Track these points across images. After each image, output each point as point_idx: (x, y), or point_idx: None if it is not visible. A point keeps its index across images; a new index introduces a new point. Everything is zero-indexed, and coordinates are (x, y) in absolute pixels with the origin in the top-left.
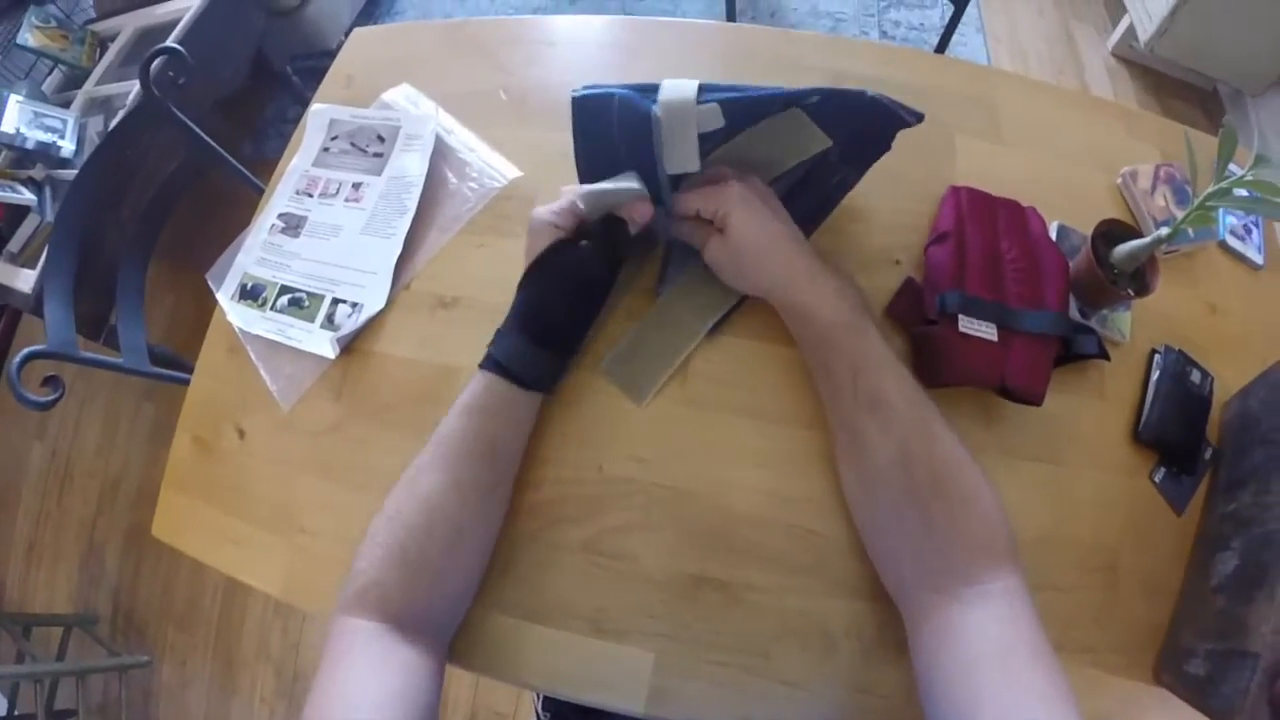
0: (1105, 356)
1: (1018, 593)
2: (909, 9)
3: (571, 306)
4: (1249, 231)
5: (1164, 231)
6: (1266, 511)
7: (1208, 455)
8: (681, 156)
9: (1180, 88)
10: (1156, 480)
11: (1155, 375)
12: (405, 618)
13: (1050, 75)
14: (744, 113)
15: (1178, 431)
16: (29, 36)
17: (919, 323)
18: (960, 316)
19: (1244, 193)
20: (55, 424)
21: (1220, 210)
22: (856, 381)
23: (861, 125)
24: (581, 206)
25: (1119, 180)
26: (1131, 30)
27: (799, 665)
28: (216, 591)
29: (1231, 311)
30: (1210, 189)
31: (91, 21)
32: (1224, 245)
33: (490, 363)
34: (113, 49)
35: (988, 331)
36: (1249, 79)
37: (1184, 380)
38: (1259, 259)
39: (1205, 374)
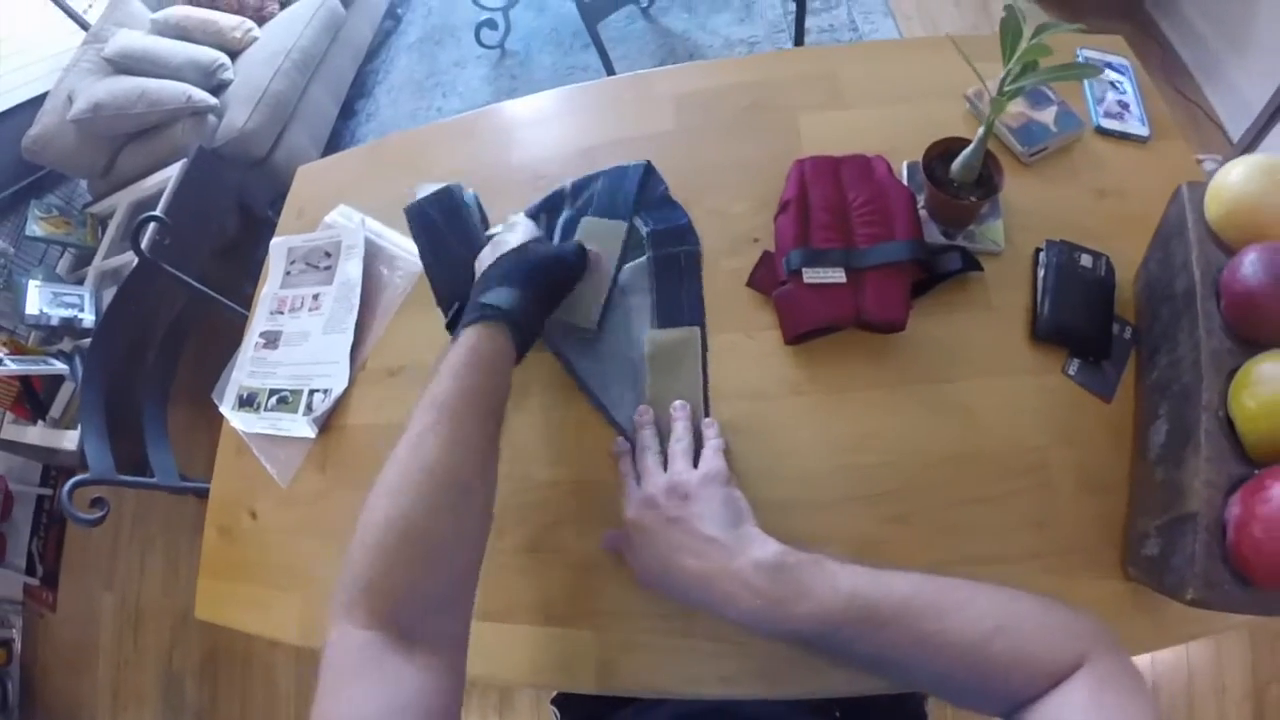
0: (976, 268)
1: (1100, 681)
2: (815, 15)
3: (560, 277)
4: (1125, 108)
5: (981, 130)
6: (1178, 366)
7: (1127, 335)
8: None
9: (1100, 4)
10: (1071, 374)
11: (1042, 271)
12: (410, 615)
13: (967, 33)
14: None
15: (1078, 319)
16: (36, 227)
17: (775, 287)
18: (804, 270)
19: (1052, 66)
20: (121, 572)
21: (1088, 97)
22: (853, 650)
23: (641, 194)
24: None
25: (966, 105)
26: None
27: (723, 621)
28: (289, 698)
29: (1125, 190)
30: (1001, 75)
31: (89, 204)
32: (1101, 130)
33: (492, 311)
34: (111, 225)
35: (835, 276)
36: None
37: (1074, 267)
38: (1143, 130)
39: (1097, 256)
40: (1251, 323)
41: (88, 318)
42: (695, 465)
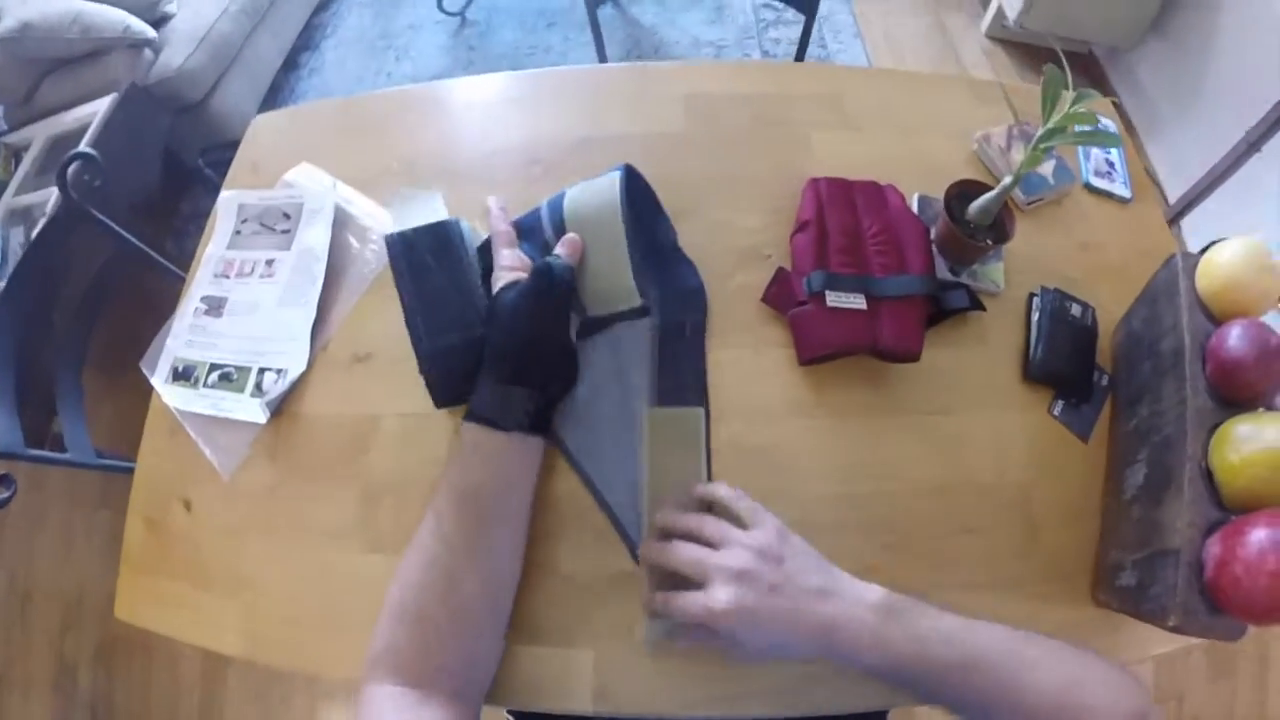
0: (980, 307)
1: None
2: (787, 26)
3: (527, 340)
4: (1111, 167)
5: (1008, 180)
6: (1161, 418)
7: (1104, 382)
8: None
9: (1055, 57)
10: (1055, 413)
11: (1036, 315)
12: (422, 676)
13: (929, 66)
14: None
15: (1066, 363)
16: None
17: (792, 306)
18: (827, 293)
19: (1084, 128)
20: (8, 547)
21: (1081, 155)
22: (941, 691)
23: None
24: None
25: (974, 146)
26: (1001, 11)
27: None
28: (193, 690)
29: (1106, 245)
30: (1040, 130)
31: (3, 133)
32: (1089, 187)
33: (468, 412)
34: (27, 159)
35: (856, 302)
36: (1119, 34)
37: (1065, 315)
38: (1126, 193)
39: (1085, 306)
40: (1234, 387)
41: None
42: None
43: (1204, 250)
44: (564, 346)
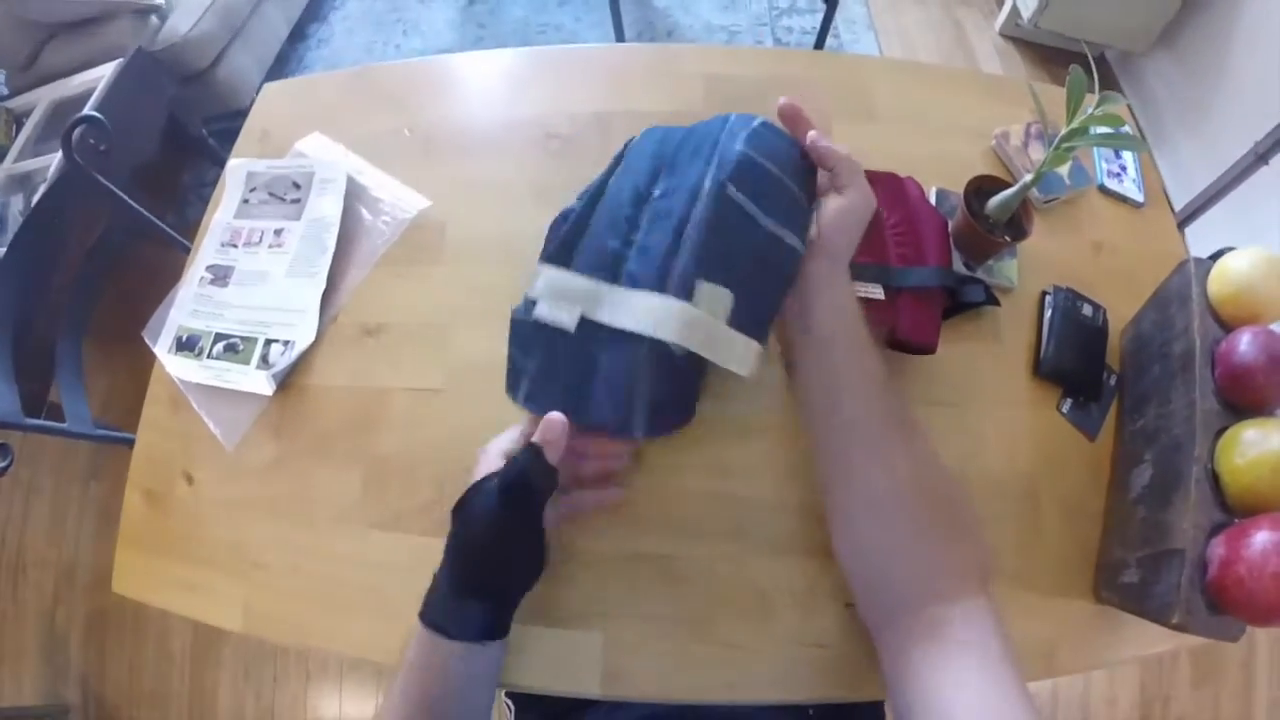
0: (995, 302)
1: (990, 612)
2: (800, 15)
3: (492, 550)
4: (1124, 170)
5: (1029, 178)
6: (1170, 420)
7: (1112, 382)
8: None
9: (1069, 58)
10: (1064, 411)
11: (1048, 314)
12: None
13: (942, 61)
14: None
15: (1076, 362)
16: None
17: None
18: None
19: (1106, 130)
20: (1, 516)
21: (1096, 156)
22: (887, 397)
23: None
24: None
25: (992, 142)
26: (1015, 10)
27: (740, 628)
28: (184, 666)
29: (1117, 248)
30: (1064, 130)
31: (4, 98)
32: (1103, 189)
33: (422, 610)
34: (29, 124)
35: (875, 291)
36: (1133, 39)
37: (1076, 315)
38: (1139, 196)
39: (1096, 307)
40: (1241, 392)
41: None
42: None
43: (1215, 255)
44: (532, 547)
